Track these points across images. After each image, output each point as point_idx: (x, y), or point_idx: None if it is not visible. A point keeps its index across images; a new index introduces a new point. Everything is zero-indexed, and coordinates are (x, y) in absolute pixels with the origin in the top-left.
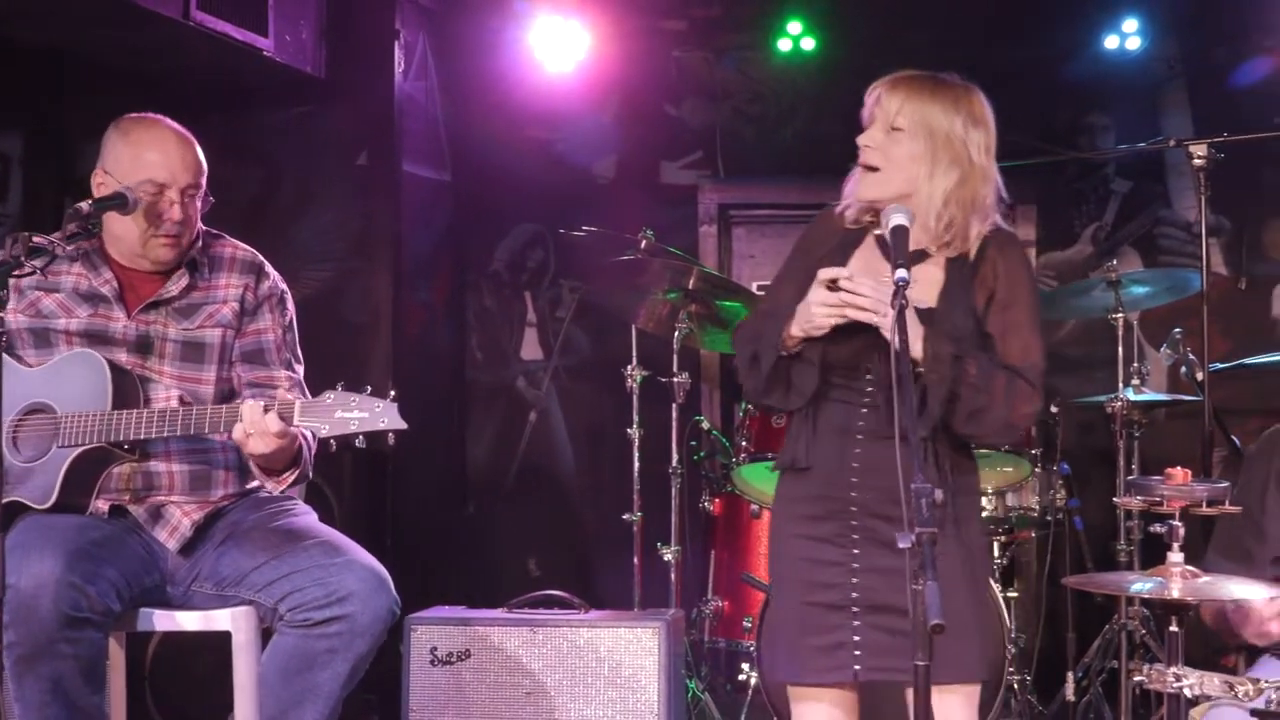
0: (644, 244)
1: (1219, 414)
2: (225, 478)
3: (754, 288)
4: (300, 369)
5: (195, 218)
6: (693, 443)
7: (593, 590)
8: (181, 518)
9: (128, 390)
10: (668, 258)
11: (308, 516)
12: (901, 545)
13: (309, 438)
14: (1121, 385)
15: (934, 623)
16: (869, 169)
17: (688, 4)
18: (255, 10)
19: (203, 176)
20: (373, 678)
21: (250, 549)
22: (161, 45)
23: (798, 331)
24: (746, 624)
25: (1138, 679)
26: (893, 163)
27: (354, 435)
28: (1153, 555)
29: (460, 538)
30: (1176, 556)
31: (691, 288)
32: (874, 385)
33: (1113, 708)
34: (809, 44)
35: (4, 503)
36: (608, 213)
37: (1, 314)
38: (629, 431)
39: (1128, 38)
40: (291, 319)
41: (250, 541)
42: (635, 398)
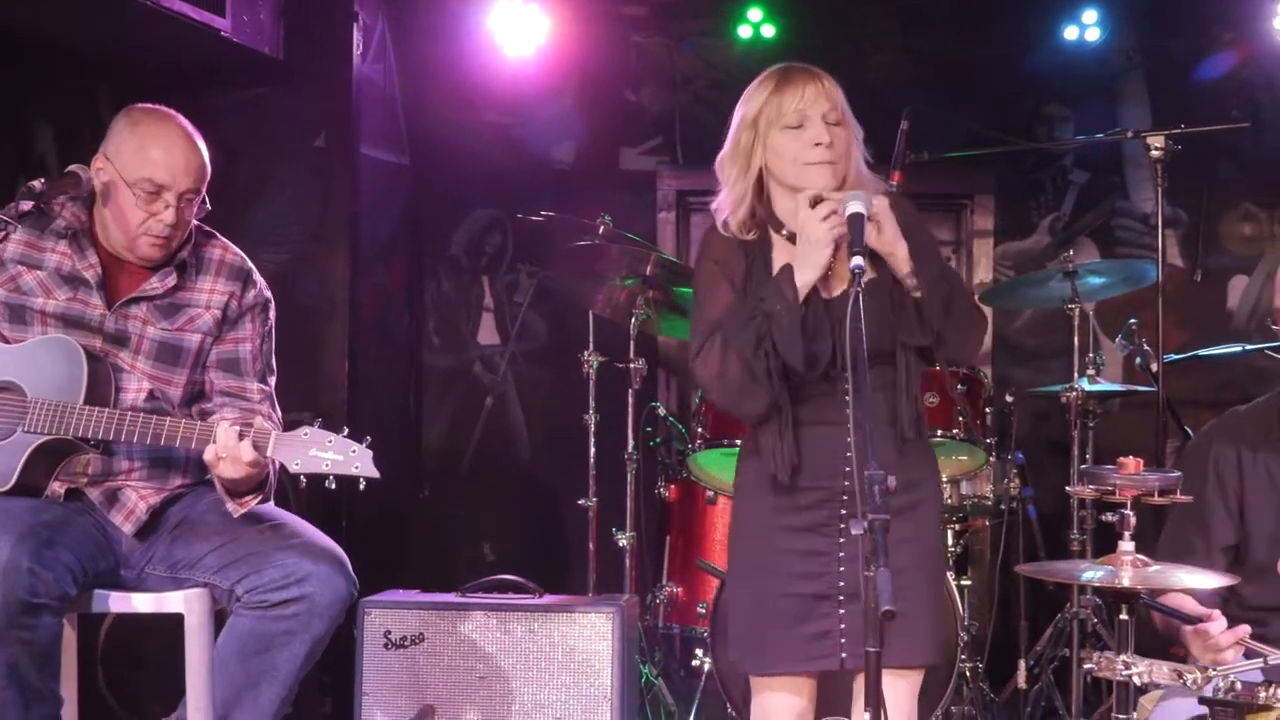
0: (602, 230)
1: (1173, 405)
2: (185, 465)
3: None
4: (273, 380)
5: (189, 221)
6: (648, 429)
7: (548, 575)
8: (138, 501)
9: (101, 383)
10: (625, 244)
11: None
12: (854, 532)
13: (276, 464)
14: (1077, 375)
15: (885, 609)
16: (826, 164)
17: None
18: None
19: (204, 182)
20: (326, 660)
21: (206, 532)
22: (118, 25)
23: (811, 273)
24: (701, 610)
25: (1087, 667)
26: (838, 154)
27: (326, 475)
28: (1105, 545)
29: (415, 522)
30: (1127, 545)
31: (649, 274)
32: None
33: (1064, 695)
34: (769, 31)
35: None
36: (566, 198)
37: None
38: (585, 417)
39: (1087, 29)
40: (271, 328)
41: (206, 525)
42: (592, 383)
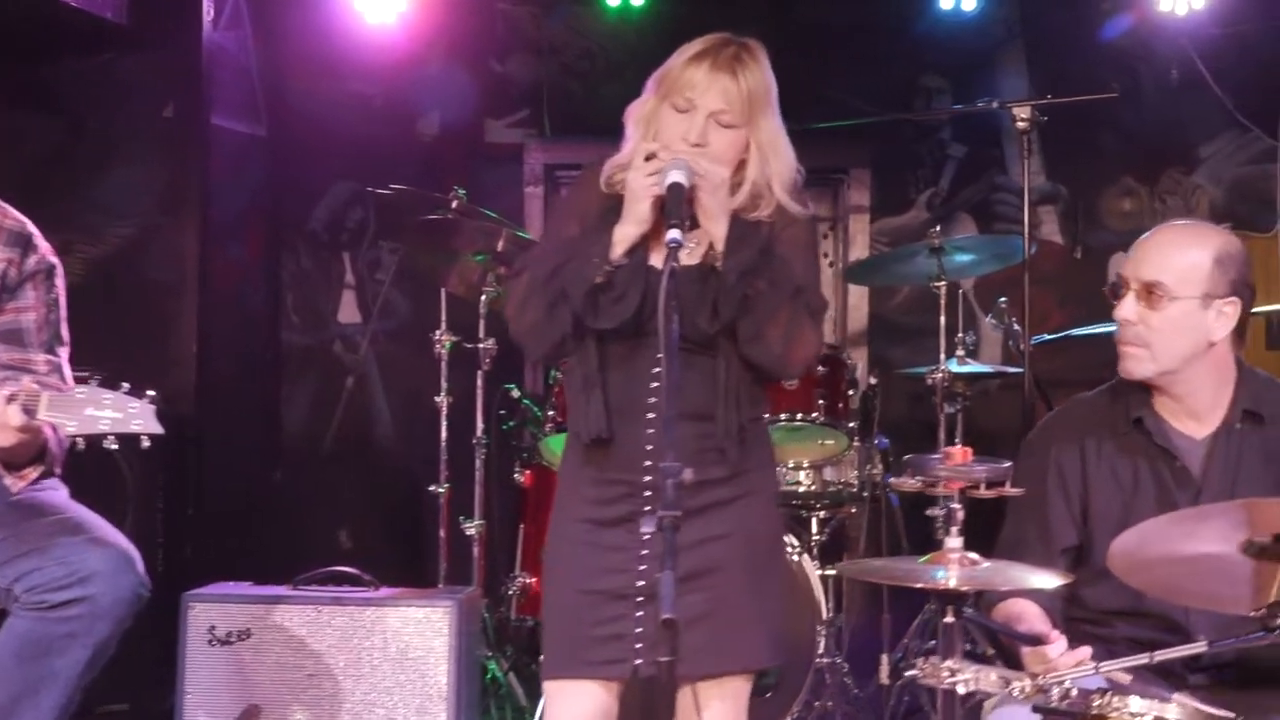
0: (455, 204)
1: (1045, 386)
2: None
3: None
4: (64, 351)
5: None
6: (502, 412)
7: (404, 565)
8: None
9: None
10: (479, 219)
11: (54, 492)
12: (645, 531)
13: (56, 432)
14: (943, 357)
15: (663, 617)
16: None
17: None
18: None
19: None
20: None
21: None
22: None
23: (631, 228)
24: None
25: (910, 673)
26: (715, 159)
27: (102, 435)
28: (973, 537)
29: (269, 508)
30: (954, 542)
31: (500, 250)
32: (662, 354)
33: (929, 691)
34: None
35: None
36: (430, 172)
37: None
38: (436, 399)
39: None
40: (59, 296)
41: None
42: (444, 364)
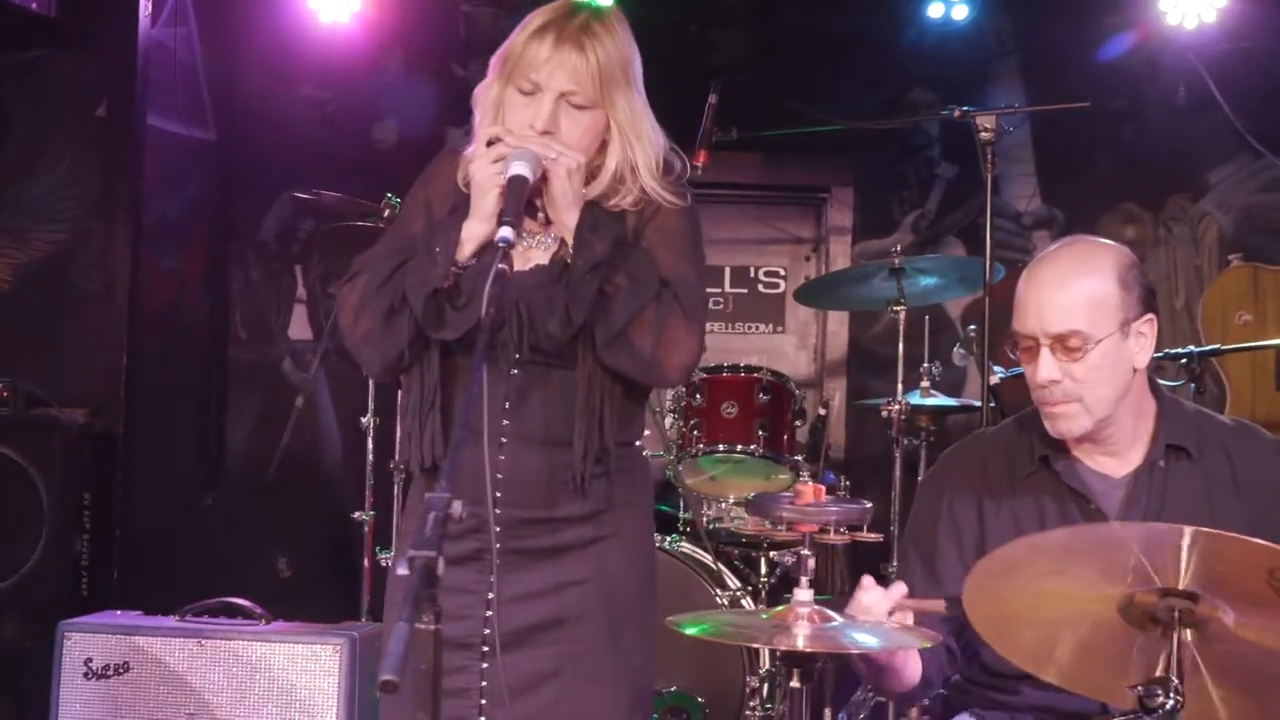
0: (387, 213)
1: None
2: None
3: None
4: None
5: None
6: None
7: (341, 595)
8: None
9: None
10: None
11: None
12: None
13: None
14: (900, 388)
15: (382, 679)
16: None
17: None
18: None
19: None
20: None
21: None
22: None
23: (479, 225)
24: None
25: None
26: (567, 146)
27: None
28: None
29: (206, 532)
30: (804, 594)
31: None
32: (517, 371)
33: None
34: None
35: None
36: (387, 180)
37: None
38: (363, 421)
39: (954, 6)
40: None
41: None
42: (371, 384)
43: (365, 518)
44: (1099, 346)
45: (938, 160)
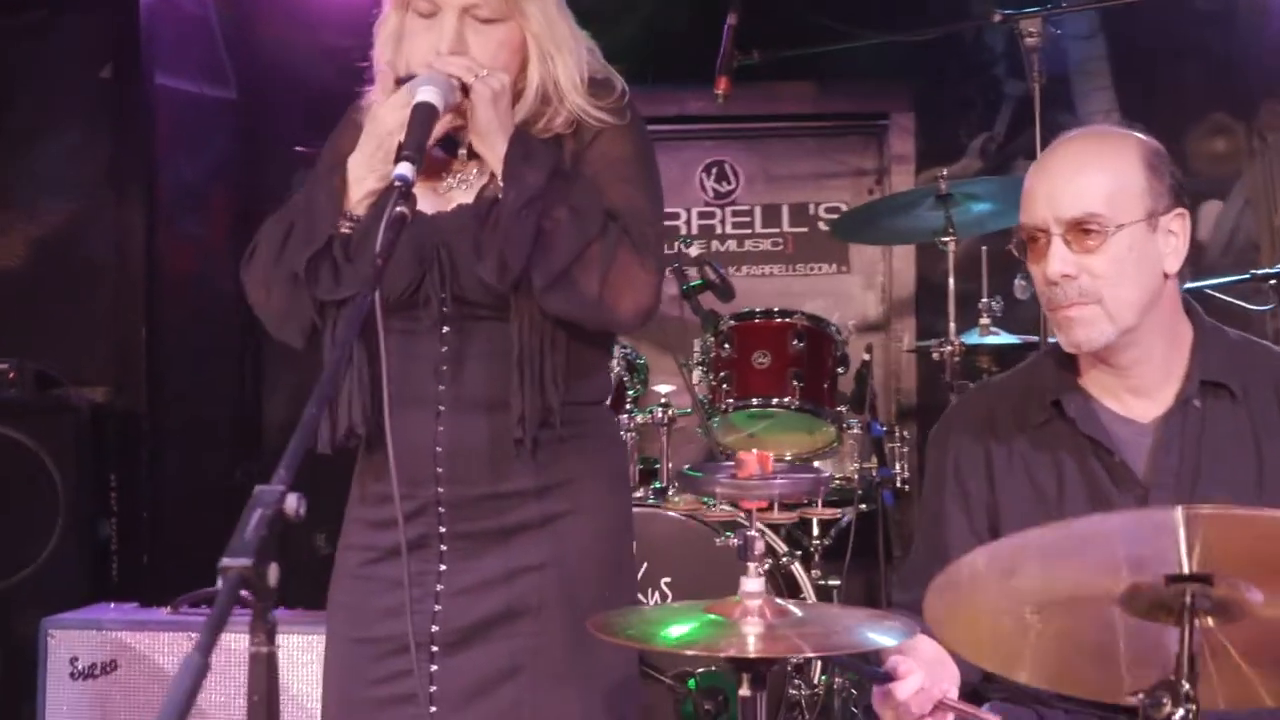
0: None
1: None
2: None
3: None
4: None
5: None
6: None
7: None
8: None
9: None
10: None
11: None
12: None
13: None
14: (953, 326)
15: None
16: None
17: None
18: None
19: None
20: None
21: None
22: None
23: (367, 171)
24: None
25: None
26: (482, 68)
27: None
28: None
29: (239, 510)
30: (753, 584)
31: None
32: (449, 328)
33: None
34: None
35: None
36: None
37: None
38: None
39: None
40: None
41: None
42: None
43: None
44: (1121, 234)
45: (1004, 78)
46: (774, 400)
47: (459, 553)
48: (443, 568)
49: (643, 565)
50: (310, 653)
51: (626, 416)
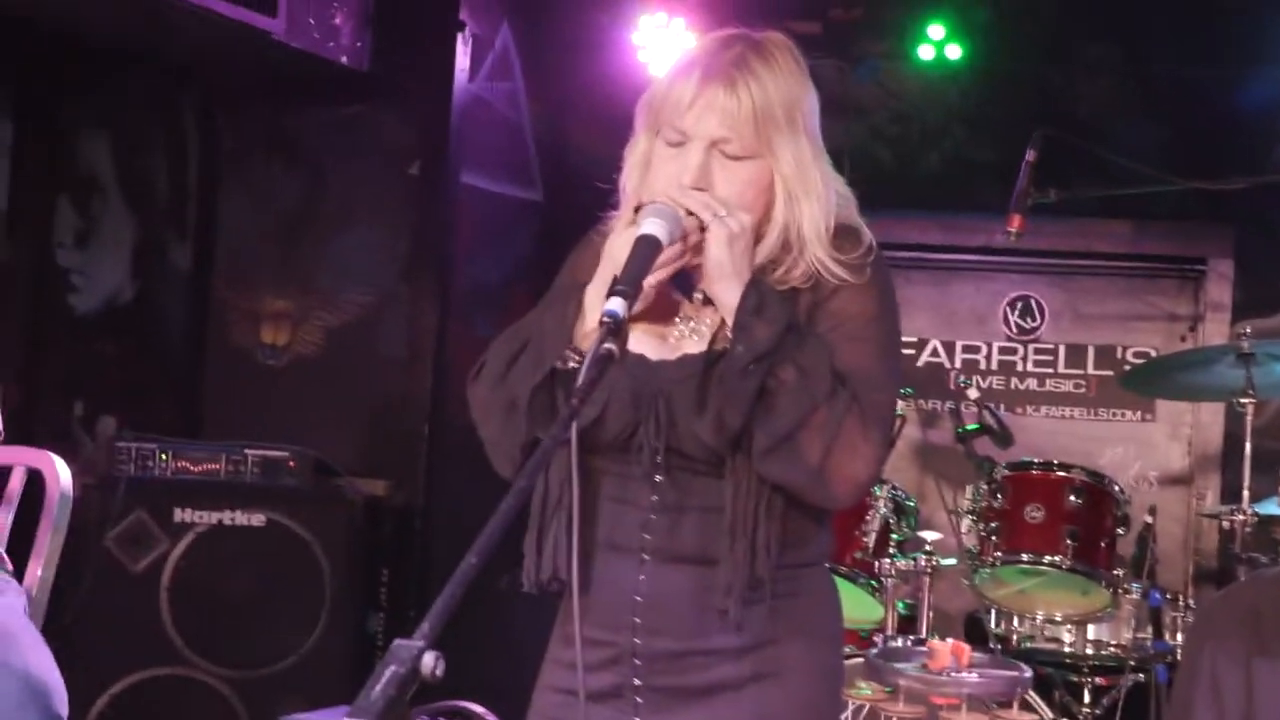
0: None
1: None
2: None
3: None
4: None
5: None
6: None
7: None
8: None
9: None
10: None
11: None
12: None
13: None
14: (1246, 497)
15: None
16: None
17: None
18: None
19: None
20: None
21: None
22: (146, 22)
23: (598, 302)
24: None
25: None
26: (724, 206)
27: None
28: None
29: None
30: None
31: None
32: (662, 478)
33: None
34: (955, 52)
35: None
36: None
37: None
38: None
39: None
40: None
41: None
42: None
43: None
44: None
45: None
46: (1045, 557)
47: (654, 706)
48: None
49: None
50: None
51: (889, 561)
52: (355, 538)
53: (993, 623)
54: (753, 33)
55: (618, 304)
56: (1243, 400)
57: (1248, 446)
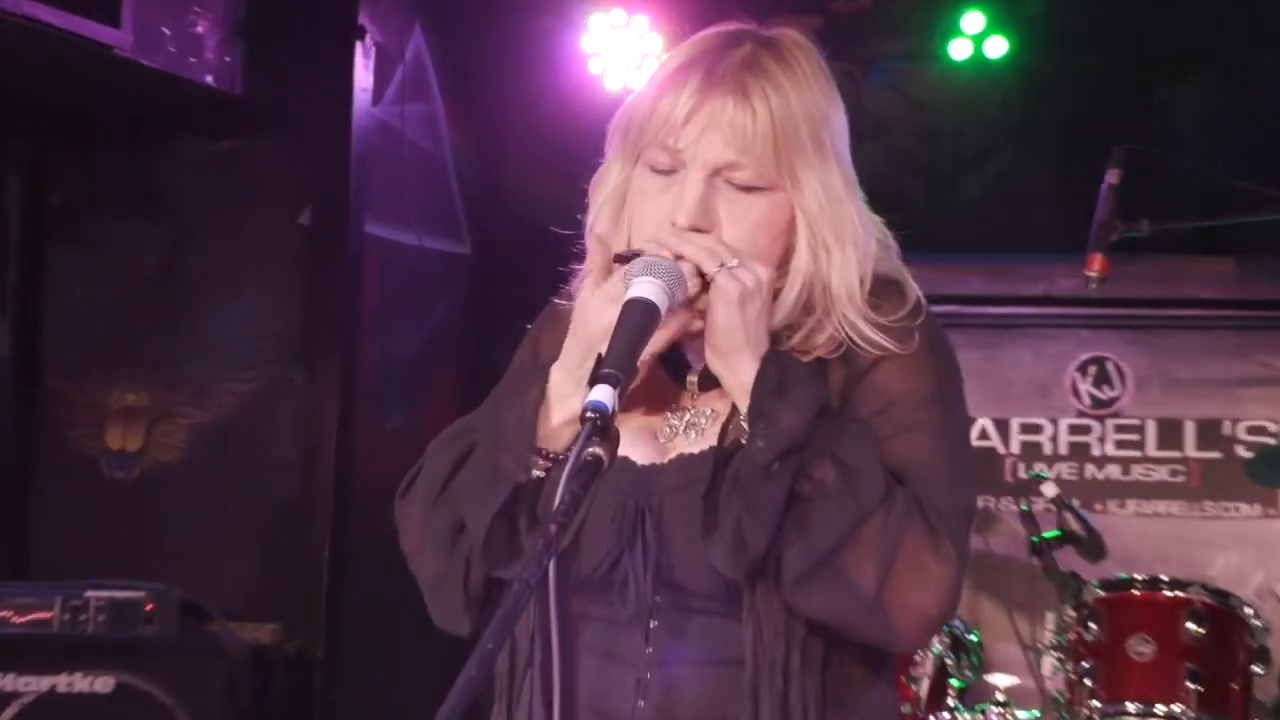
0: None
1: None
2: None
3: None
4: None
5: None
6: None
7: None
8: None
9: None
10: None
11: None
12: None
13: None
14: None
15: None
16: None
17: None
18: None
19: None
20: None
21: None
22: None
23: (570, 389)
24: None
25: None
26: (733, 251)
27: None
28: None
29: None
30: None
31: None
32: (657, 623)
33: None
34: (999, 47)
35: None
36: None
37: None
38: None
39: None
40: None
41: None
42: None
43: None
44: None
45: None
46: (1159, 706)
47: None
48: None
49: None
50: None
51: (948, 717)
52: (235, 700)
53: None
54: (761, 28)
55: (605, 394)
56: None
57: None
